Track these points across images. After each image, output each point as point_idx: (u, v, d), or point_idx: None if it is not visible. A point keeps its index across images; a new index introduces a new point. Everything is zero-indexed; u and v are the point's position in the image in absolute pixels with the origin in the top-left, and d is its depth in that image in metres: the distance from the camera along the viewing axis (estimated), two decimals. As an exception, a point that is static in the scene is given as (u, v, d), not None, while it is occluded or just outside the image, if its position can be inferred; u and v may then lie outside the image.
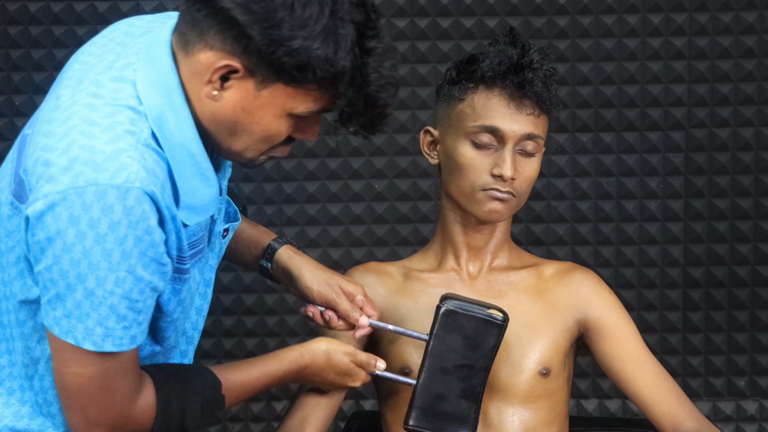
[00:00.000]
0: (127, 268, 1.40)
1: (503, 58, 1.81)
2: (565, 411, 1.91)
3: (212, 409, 1.58)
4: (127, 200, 1.38)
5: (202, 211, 1.51)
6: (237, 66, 1.39)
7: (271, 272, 1.82)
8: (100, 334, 1.42)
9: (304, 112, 1.44)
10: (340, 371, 1.77)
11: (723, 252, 2.77)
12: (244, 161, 1.52)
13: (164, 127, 1.44)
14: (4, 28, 2.70)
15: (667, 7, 2.68)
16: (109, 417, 1.48)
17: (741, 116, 2.72)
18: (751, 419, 2.84)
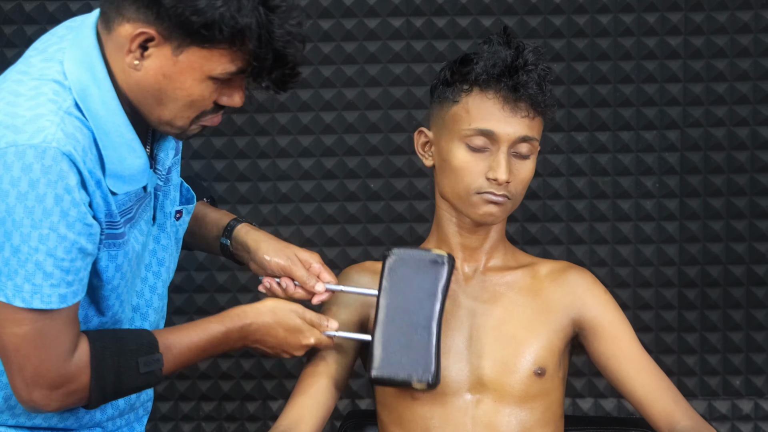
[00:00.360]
0: (49, 225, 1.48)
1: (497, 59, 1.80)
2: (560, 411, 1.91)
3: (150, 366, 1.62)
4: (44, 159, 1.47)
5: (131, 181, 1.59)
6: (152, 33, 1.50)
7: (231, 249, 1.87)
8: (29, 290, 1.50)
9: (222, 73, 1.53)
10: (290, 328, 1.76)
11: (718, 251, 2.77)
12: (177, 131, 1.60)
13: (88, 99, 1.53)
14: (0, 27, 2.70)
15: (663, 6, 2.67)
16: (46, 376, 1.55)
17: (736, 115, 2.72)
18: (746, 418, 2.84)
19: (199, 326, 1.72)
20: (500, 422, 1.84)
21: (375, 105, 2.74)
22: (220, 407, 2.87)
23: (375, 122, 2.75)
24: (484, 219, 1.84)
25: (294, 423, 1.83)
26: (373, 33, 2.70)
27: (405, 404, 1.86)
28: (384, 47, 2.71)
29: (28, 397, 1.57)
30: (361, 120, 2.75)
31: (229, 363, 2.84)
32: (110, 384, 1.60)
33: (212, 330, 1.72)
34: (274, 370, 2.84)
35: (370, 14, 2.69)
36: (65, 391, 1.58)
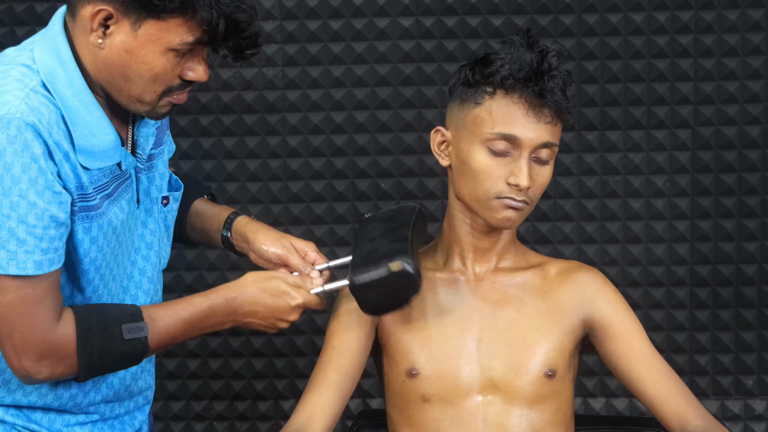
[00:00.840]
0: (18, 192, 1.55)
1: (522, 63, 1.77)
2: (570, 411, 1.90)
3: (134, 333, 1.66)
4: (9, 129, 1.54)
5: (102, 157, 1.66)
6: (110, 10, 1.57)
7: (232, 241, 1.92)
8: (5, 257, 1.57)
9: (180, 44, 1.60)
10: (275, 292, 1.78)
11: (730, 250, 2.76)
12: (147, 107, 1.66)
13: (55, 81, 1.61)
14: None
15: (673, 5, 2.67)
16: (33, 343, 1.61)
17: (748, 114, 2.71)
18: (759, 418, 2.83)
19: (185, 301, 1.75)
20: (511, 423, 1.83)
21: (385, 105, 2.74)
22: (231, 406, 2.87)
23: (385, 122, 2.74)
24: (503, 224, 1.83)
25: (306, 421, 1.83)
26: (383, 33, 2.70)
27: (416, 405, 1.86)
28: (394, 47, 2.71)
29: (19, 365, 1.63)
30: (371, 120, 2.75)
31: (240, 362, 2.85)
32: (96, 352, 1.65)
33: (198, 304, 1.75)
34: (285, 370, 2.85)
35: (380, 14, 2.69)
36: (53, 359, 1.63)
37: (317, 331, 2.82)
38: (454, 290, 1.89)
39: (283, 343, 2.83)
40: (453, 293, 1.89)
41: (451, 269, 1.91)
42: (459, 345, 1.85)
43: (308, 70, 2.72)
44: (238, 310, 1.77)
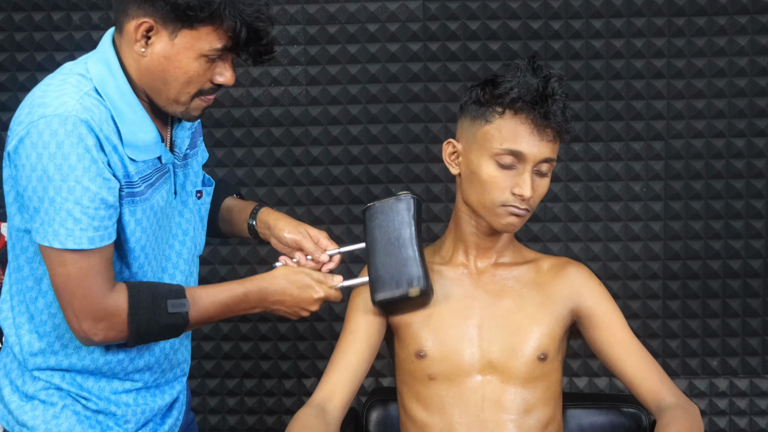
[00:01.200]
0: (74, 178, 1.60)
1: (529, 87, 1.77)
2: (559, 389, 1.89)
3: (177, 308, 1.71)
4: (67, 125, 1.60)
5: (146, 150, 1.70)
6: (151, 22, 1.63)
7: (256, 228, 1.93)
8: (63, 234, 1.62)
9: (210, 50, 1.65)
10: (302, 285, 1.81)
11: (698, 248, 2.75)
12: (182, 109, 1.70)
13: (105, 86, 1.67)
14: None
15: (649, 32, 2.66)
16: (91, 309, 1.65)
17: (714, 128, 2.70)
18: (722, 395, 2.82)
19: (223, 286, 1.79)
20: (506, 400, 1.83)
21: (396, 119, 2.73)
22: (260, 384, 2.87)
23: (396, 134, 2.74)
24: (506, 228, 1.82)
25: (327, 397, 1.83)
26: (395, 56, 2.69)
27: (423, 382, 1.85)
28: (404, 68, 2.70)
29: (79, 327, 1.67)
30: (383, 132, 2.74)
31: (268, 345, 2.84)
32: (144, 321, 1.69)
33: (234, 290, 1.78)
34: (307, 352, 2.84)
35: (392, 39, 2.69)
36: (107, 323, 1.67)
37: (335, 318, 2.82)
38: (458, 282, 1.88)
39: (306, 328, 2.83)
40: (457, 285, 1.88)
41: (456, 264, 1.90)
42: (462, 330, 1.84)
43: (328, 88, 2.72)
44: (268, 297, 1.80)
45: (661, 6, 2.64)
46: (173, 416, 1.90)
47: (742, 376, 2.80)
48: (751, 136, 2.69)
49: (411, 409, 1.87)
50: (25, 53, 2.73)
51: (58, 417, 1.75)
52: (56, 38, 2.72)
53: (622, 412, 2.06)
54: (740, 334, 2.78)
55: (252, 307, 1.80)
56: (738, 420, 2.81)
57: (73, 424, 1.76)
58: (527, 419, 1.83)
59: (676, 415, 1.79)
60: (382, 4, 2.67)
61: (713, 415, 2.81)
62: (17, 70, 2.74)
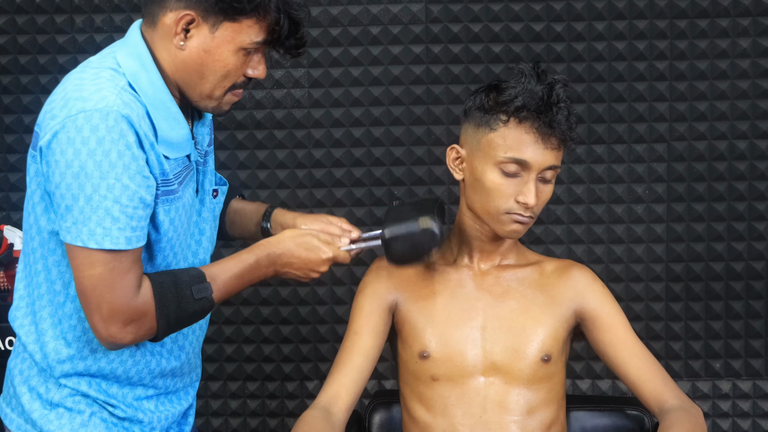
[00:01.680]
0: (114, 176, 1.55)
1: (534, 95, 1.75)
2: (562, 391, 1.89)
3: (202, 292, 1.67)
4: (108, 121, 1.54)
5: (178, 148, 1.67)
6: (193, 15, 1.60)
7: (271, 231, 1.90)
8: (100, 233, 1.56)
9: (250, 43, 1.62)
10: (309, 247, 1.78)
11: (701, 250, 2.75)
12: (215, 104, 1.68)
13: (139, 82, 1.62)
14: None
15: (651, 34, 2.67)
16: (119, 311, 1.60)
17: (716, 131, 2.70)
18: (725, 397, 2.82)
19: (234, 258, 1.74)
20: (510, 401, 1.82)
21: (398, 121, 2.73)
22: (263, 386, 2.87)
23: (398, 136, 2.74)
24: (510, 235, 1.82)
25: (332, 399, 1.83)
26: (397, 58, 2.70)
27: (426, 383, 1.85)
28: (406, 71, 2.71)
29: (107, 333, 1.61)
30: (386, 135, 2.74)
31: (270, 348, 2.84)
32: (172, 312, 1.65)
33: (245, 259, 1.74)
34: (310, 354, 2.84)
35: (394, 42, 2.69)
36: (137, 323, 1.62)
37: (338, 321, 2.82)
38: (462, 284, 1.88)
39: (308, 330, 2.83)
40: (461, 286, 1.88)
41: (460, 265, 1.90)
42: (466, 332, 1.84)
43: (331, 91, 2.72)
44: (277, 261, 1.77)
45: (664, 8, 2.65)
46: (189, 423, 1.89)
47: (745, 378, 2.80)
48: (753, 138, 2.70)
49: (414, 410, 1.87)
50: (28, 56, 2.74)
51: (86, 425, 1.71)
52: (59, 41, 2.72)
53: (625, 415, 2.06)
54: (743, 336, 2.78)
55: (264, 273, 1.77)
56: (741, 422, 2.81)
57: None
58: (530, 420, 1.83)
59: (679, 417, 1.79)
60: (384, 6, 2.68)
61: (716, 417, 2.81)
62: (20, 72, 2.75)
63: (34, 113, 2.76)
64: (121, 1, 2.71)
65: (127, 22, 2.70)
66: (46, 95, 2.68)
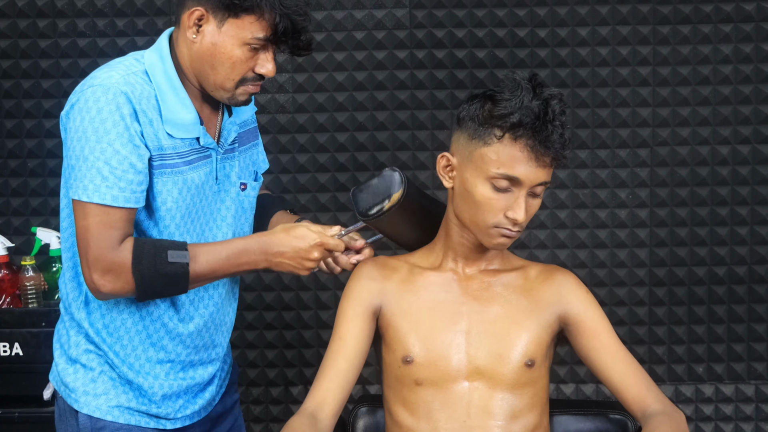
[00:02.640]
0: (107, 141, 1.76)
1: (529, 112, 1.73)
2: (546, 395, 1.88)
3: (176, 258, 1.81)
4: (108, 94, 1.77)
5: (184, 129, 1.84)
6: (202, 11, 1.80)
7: None
8: (91, 189, 1.77)
9: (252, 39, 1.79)
10: (298, 235, 1.86)
11: (684, 254, 2.76)
12: (228, 95, 1.84)
13: (154, 71, 1.84)
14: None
15: (634, 40, 2.68)
16: (100, 260, 1.78)
17: (699, 136, 2.72)
18: (708, 401, 2.83)
19: (225, 242, 1.87)
20: (493, 406, 1.82)
21: (383, 126, 2.73)
22: (247, 392, 2.86)
23: (383, 141, 2.74)
24: (496, 247, 1.82)
25: (319, 405, 1.82)
26: (381, 63, 2.70)
27: (410, 388, 1.84)
28: (391, 76, 2.71)
29: (90, 278, 1.79)
30: (370, 140, 2.74)
31: (255, 353, 2.84)
32: (146, 271, 1.79)
33: (234, 244, 1.86)
34: (294, 360, 2.83)
35: (379, 47, 2.69)
36: (114, 274, 1.79)
37: (323, 326, 2.82)
38: (447, 288, 1.87)
39: (293, 336, 2.82)
40: (446, 291, 1.87)
41: (445, 270, 1.89)
42: (450, 336, 1.84)
43: (315, 96, 2.73)
44: (268, 250, 1.86)
45: (647, 14, 2.66)
46: (205, 397, 1.98)
47: (728, 382, 2.82)
48: (735, 144, 2.71)
49: (397, 415, 1.87)
50: (10, 60, 2.73)
51: (95, 381, 1.90)
52: (41, 45, 2.71)
53: (608, 419, 2.06)
54: (725, 340, 2.79)
55: (255, 261, 1.86)
56: (724, 426, 2.82)
57: (108, 389, 1.89)
58: (514, 425, 1.83)
59: (662, 421, 1.78)
60: (368, 12, 2.68)
61: (699, 421, 2.82)
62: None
63: (15, 118, 2.76)
64: (104, 6, 2.70)
65: (111, 26, 2.70)
66: (28, 100, 2.69)
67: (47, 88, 2.73)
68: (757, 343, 2.78)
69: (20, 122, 2.76)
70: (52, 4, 2.69)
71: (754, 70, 2.67)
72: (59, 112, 2.70)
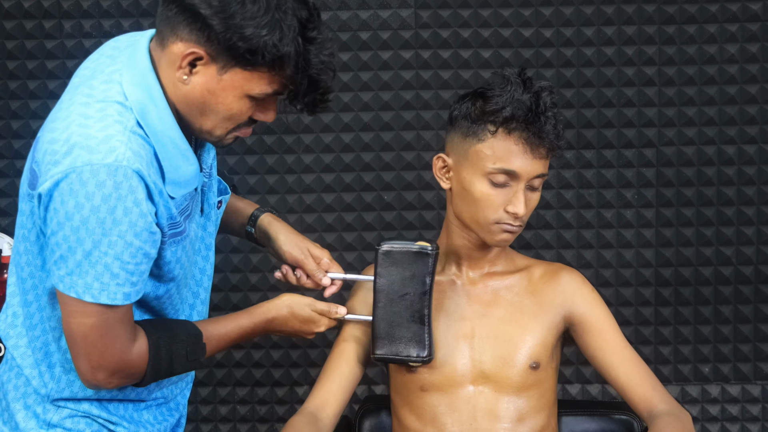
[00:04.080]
0: (118, 233, 1.47)
1: (520, 104, 1.73)
2: (553, 397, 1.87)
3: (195, 354, 1.64)
4: (116, 176, 1.45)
5: (186, 185, 1.57)
6: (201, 53, 1.47)
7: (255, 236, 1.86)
8: (97, 288, 1.49)
9: (259, 93, 1.50)
10: (303, 319, 1.77)
11: (690, 254, 2.75)
12: (215, 139, 1.56)
13: (147, 117, 1.51)
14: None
15: (640, 40, 2.67)
16: (110, 362, 1.54)
17: (705, 136, 2.71)
18: (714, 401, 2.82)
19: (232, 321, 1.72)
20: (500, 409, 1.81)
21: (388, 126, 2.73)
22: (252, 392, 2.86)
23: (388, 142, 2.74)
24: (499, 244, 1.80)
25: (320, 405, 1.81)
26: (386, 63, 2.69)
27: (415, 393, 1.83)
28: (396, 76, 2.71)
29: (92, 377, 1.56)
30: (375, 140, 2.74)
31: (260, 353, 2.83)
32: (164, 369, 1.61)
33: (242, 324, 1.73)
34: (300, 360, 2.83)
35: (384, 47, 2.69)
36: (125, 374, 1.58)
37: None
38: (450, 293, 1.86)
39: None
40: (449, 295, 1.86)
41: (448, 274, 1.88)
42: (454, 342, 1.82)
43: (320, 96, 2.73)
44: (270, 327, 1.77)
45: (652, 14, 2.65)
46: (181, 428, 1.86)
47: (734, 382, 2.80)
48: (741, 144, 2.70)
49: (404, 419, 1.85)
50: (17, 61, 2.73)
51: None
52: (48, 46, 2.71)
53: (614, 419, 2.04)
54: (732, 340, 2.78)
55: (256, 335, 1.78)
56: (730, 426, 2.81)
57: None
58: (521, 427, 1.81)
59: (668, 422, 1.77)
60: (374, 12, 2.68)
61: (705, 422, 2.81)
62: (8, 78, 2.74)
63: (22, 119, 2.75)
64: (110, 6, 2.70)
65: (116, 27, 2.70)
66: (34, 101, 2.69)
67: (53, 89, 2.73)
68: (763, 343, 2.77)
69: (27, 123, 2.76)
70: (59, 5, 2.69)
71: (760, 70, 2.66)
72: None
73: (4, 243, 2.48)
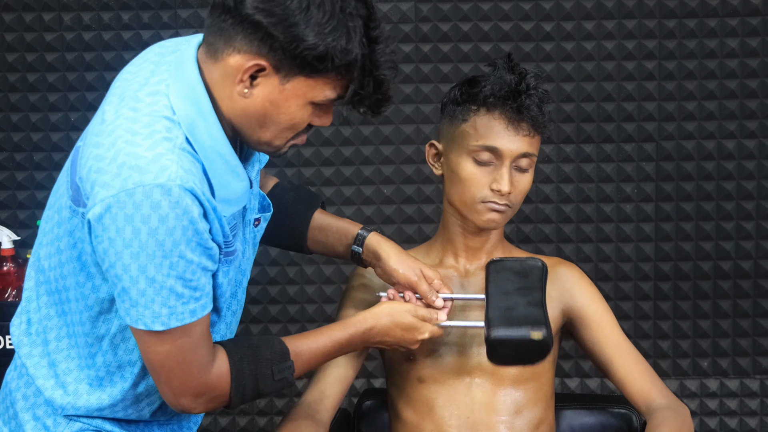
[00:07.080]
0: (179, 253, 1.40)
1: (503, 83, 1.75)
2: (551, 390, 1.87)
3: (283, 373, 1.56)
4: (171, 196, 1.38)
5: (236, 203, 1.51)
6: (264, 64, 1.40)
7: (362, 257, 1.77)
8: (166, 314, 1.43)
9: (323, 100, 1.44)
10: (406, 327, 1.69)
11: (689, 249, 2.75)
12: (273, 150, 1.50)
13: (196, 132, 1.44)
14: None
15: (640, 34, 2.66)
16: (191, 386, 1.49)
17: (705, 130, 2.70)
18: (713, 395, 2.81)
19: (324, 333, 1.64)
20: (497, 401, 1.81)
21: (387, 120, 2.72)
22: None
23: (388, 135, 2.74)
24: (487, 225, 1.80)
25: (318, 398, 1.82)
26: (386, 57, 2.70)
27: (413, 385, 1.83)
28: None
29: (177, 403, 1.52)
30: (375, 133, 2.74)
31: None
32: (249, 391, 1.55)
33: (336, 336, 1.64)
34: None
35: (384, 41, 2.69)
36: (209, 397, 1.52)
37: (327, 319, 2.80)
38: (448, 285, 1.82)
39: (297, 329, 2.81)
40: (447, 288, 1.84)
41: (446, 266, 1.88)
42: (451, 333, 1.82)
43: (320, 89, 2.72)
44: (371, 339, 1.68)
45: (652, 8, 2.64)
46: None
47: (733, 376, 2.80)
48: (741, 138, 2.69)
49: (401, 411, 1.85)
50: (15, 53, 2.72)
51: None
52: (47, 39, 2.70)
53: (612, 413, 2.05)
54: (731, 334, 2.78)
55: (353, 348, 1.69)
56: (728, 420, 2.81)
57: None
58: (518, 420, 1.82)
59: (667, 416, 1.77)
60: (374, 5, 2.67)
61: (704, 416, 2.81)
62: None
63: (21, 111, 2.75)
64: (110, -1, 2.69)
65: (116, 19, 2.69)
66: (33, 93, 2.68)
67: (52, 81, 2.72)
68: (762, 337, 2.77)
69: (26, 115, 2.75)
70: (58, -3, 2.69)
71: (760, 64, 2.65)
72: (64, 106, 2.73)
73: (3, 236, 2.47)
